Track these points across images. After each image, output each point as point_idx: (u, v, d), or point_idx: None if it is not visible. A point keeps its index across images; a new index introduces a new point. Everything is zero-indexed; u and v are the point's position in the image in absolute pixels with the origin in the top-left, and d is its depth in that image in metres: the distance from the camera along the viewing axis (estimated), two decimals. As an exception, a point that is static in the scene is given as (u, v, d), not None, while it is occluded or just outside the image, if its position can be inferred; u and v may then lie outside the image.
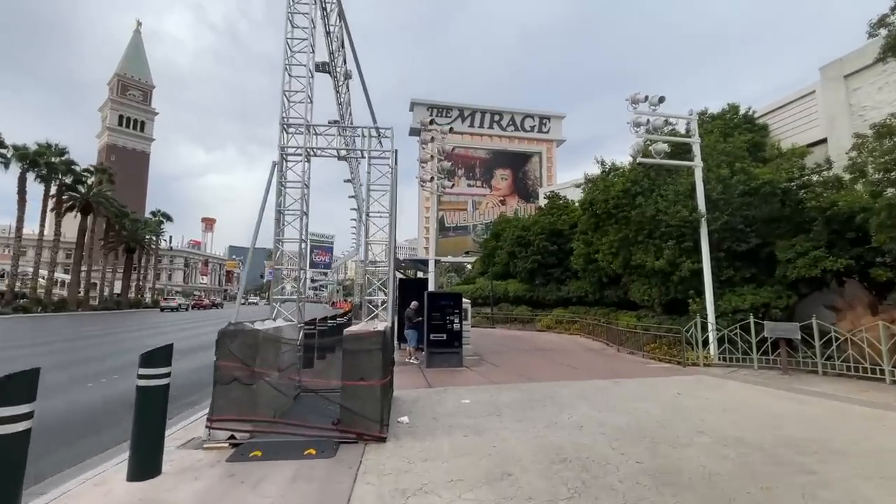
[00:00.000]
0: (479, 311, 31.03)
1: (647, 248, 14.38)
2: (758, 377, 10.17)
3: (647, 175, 14.99)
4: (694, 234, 13.13)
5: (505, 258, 30.76)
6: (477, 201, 58.49)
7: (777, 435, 5.64)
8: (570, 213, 28.01)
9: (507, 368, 11.51)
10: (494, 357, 13.62)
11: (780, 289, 12.13)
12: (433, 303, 11.57)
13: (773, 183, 12.02)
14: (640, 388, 8.97)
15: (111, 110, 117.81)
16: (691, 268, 12.89)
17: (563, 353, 14.79)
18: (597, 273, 21.91)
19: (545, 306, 27.14)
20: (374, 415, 5.44)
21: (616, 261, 16.35)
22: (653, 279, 15.01)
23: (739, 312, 12.10)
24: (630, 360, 13.33)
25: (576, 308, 24.58)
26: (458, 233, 56.52)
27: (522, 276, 28.23)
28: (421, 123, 14.75)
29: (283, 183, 8.12)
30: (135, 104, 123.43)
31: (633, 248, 15.19)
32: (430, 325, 11.48)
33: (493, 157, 59.18)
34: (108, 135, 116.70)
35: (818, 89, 15.25)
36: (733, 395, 8.25)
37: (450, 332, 11.54)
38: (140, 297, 58.52)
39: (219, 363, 5.41)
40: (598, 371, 11.18)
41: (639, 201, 14.22)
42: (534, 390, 8.63)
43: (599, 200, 15.39)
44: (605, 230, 16.43)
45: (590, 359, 13.64)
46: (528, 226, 29.44)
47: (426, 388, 8.83)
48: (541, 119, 60.45)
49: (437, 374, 10.51)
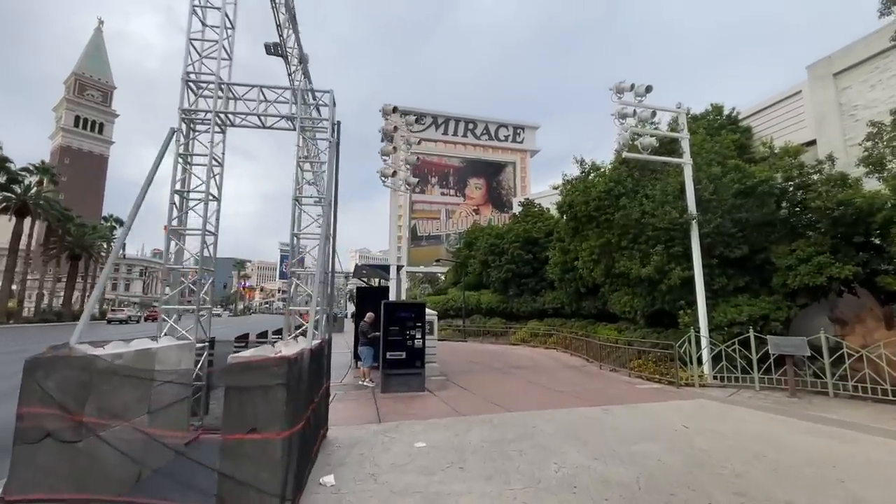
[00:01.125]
0: (450, 323, 29.28)
1: (631, 254, 13.05)
2: (764, 401, 8.80)
3: (631, 175, 13.76)
4: (684, 238, 11.87)
5: (478, 267, 29.24)
6: (450, 210, 57.06)
7: (851, 499, 4.11)
8: (546, 221, 26.84)
9: (476, 392, 9.77)
10: (463, 378, 11.86)
11: (778, 299, 10.94)
12: (391, 315, 9.76)
13: (769, 182, 10.91)
14: (637, 418, 7.40)
15: (67, 110, 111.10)
16: (682, 276, 11.59)
17: (540, 372, 13.19)
18: (574, 283, 20.61)
19: (520, 318, 25.66)
20: (272, 485, 3.58)
21: (597, 268, 14.99)
22: (637, 289, 13.68)
23: (736, 325, 10.82)
24: (615, 380, 11.84)
25: (552, 320, 23.20)
26: (430, 242, 54.82)
27: (496, 286, 26.73)
28: (383, 111, 13.11)
29: (186, 157, 6.23)
30: (93, 105, 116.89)
31: (616, 254, 13.85)
32: (387, 342, 9.65)
33: (466, 165, 58.06)
34: (63, 136, 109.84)
35: (805, 89, 14.51)
36: (750, 428, 6.77)
37: (410, 350, 9.73)
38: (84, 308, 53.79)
39: (22, 410, 3.46)
40: (582, 394, 9.59)
41: (622, 202, 12.92)
42: (508, 424, 6.92)
43: (579, 202, 14.04)
44: (585, 235, 15.07)
45: (571, 378, 12.08)
46: (502, 233, 28.06)
47: (374, 424, 6.98)
48: (515, 129, 59.95)
49: (391, 402, 8.66)
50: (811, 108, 14.12)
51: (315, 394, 5.09)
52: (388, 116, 12.97)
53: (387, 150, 12.84)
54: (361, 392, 9.72)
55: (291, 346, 4.88)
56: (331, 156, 6.25)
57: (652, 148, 11.88)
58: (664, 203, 12.22)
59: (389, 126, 12.93)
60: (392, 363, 9.62)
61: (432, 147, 56.28)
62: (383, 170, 12.81)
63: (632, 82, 11.46)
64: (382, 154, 12.91)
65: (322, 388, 5.67)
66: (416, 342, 9.79)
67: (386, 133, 12.93)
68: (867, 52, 12.83)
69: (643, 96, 11.71)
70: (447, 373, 12.49)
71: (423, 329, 9.92)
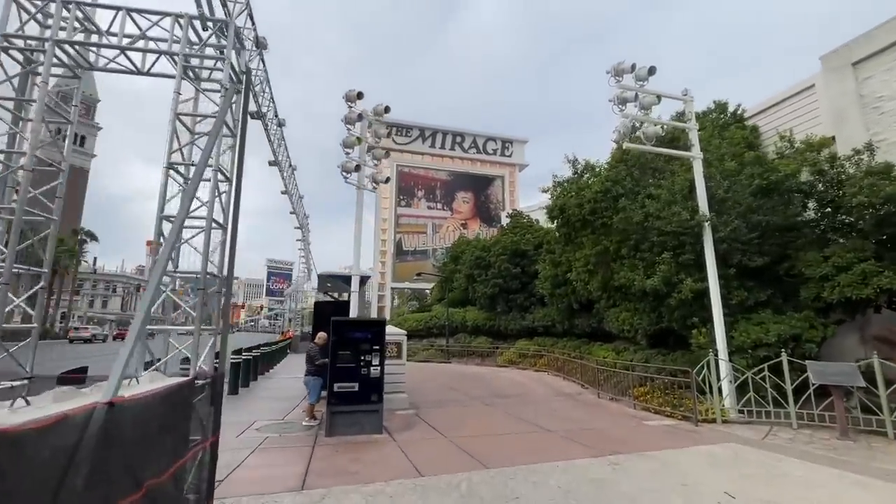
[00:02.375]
0: (433, 342, 27.17)
1: (633, 263, 11.29)
2: (812, 445, 6.93)
3: (630, 174, 12.10)
4: (695, 244, 10.14)
5: (463, 282, 27.31)
6: (437, 224, 55.35)
7: None
8: (535, 233, 25.14)
9: (449, 433, 7.73)
10: (436, 412, 9.81)
11: (809, 315, 9.18)
12: (341, 335, 7.75)
13: (796, 176, 9.28)
14: (658, 477, 5.45)
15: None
16: (694, 288, 9.80)
17: (528, 402, 11.19)
18: (566, 298, 18.77)
19: (507, 337, 23.68)
20: None
21: (593, 281, 13.17)
22: (640, 304, 11.86)
23: (761, 347, 9.01)
24: (618, 413, 9.89)
25: (542, 339, 21.26)
26: (416, 257, 52.87)
27: (482, 302, 24.77)
28: (346, 98, 11.35)
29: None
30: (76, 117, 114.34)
31: (614, 264, 12.08)
32: (335, 370, 7.61)
33: (454, 179, 56.68)
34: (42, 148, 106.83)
35: (818, 82, 13.13)
36: (821, 497, 4.86)
37: (364, 381, 7.69)
38: (49, 326, 50.44)
39: None
40: (580, 436, 7.61)
41: (622, 204, 11.21)
42: (483, 492, 4.93)
43: (572, 205, 12.30)
44: (578, 243, 13.31)
45: (565, 411, 10.10)
46: (489, 246, 26.26)
47: (292, 495, 4.92)
48: (503, 142, 58.99)
49: (332, 453, 6.59)
50: (827, 102, 12.71)
51: (153, 471, 3.05)
52: (352, 104, 11.20)
53: (350, 142, 11.02)
54: (300, 436, 7.63)
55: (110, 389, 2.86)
56: (224, 107, 4.39)
57: (656, 138, 10.21)
58: (671, 203, 10.53)
59: (353, 114, 11.15)
60: (341, 398, 7.56)
61: (419, 160, 54.92)
62: (345, 164, 10.97)
63: (632, 62, 9.88)
64: (345, 146, 11.08)
65: (181, 458, 3.64)
66: (373, 370, 7.77)
67: (349, 121, 11.14)
68: (889, 38, 11.48)
69: (645, 80, 10.12)
70: (418, 404, 10.44)
71: (383, 353, 7.91)
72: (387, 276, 51.01)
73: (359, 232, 11.13)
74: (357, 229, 11.13)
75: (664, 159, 12.41)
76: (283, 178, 23.53)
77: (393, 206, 51.84)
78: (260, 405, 10.55)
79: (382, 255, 51.32)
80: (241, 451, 6.52)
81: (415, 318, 29.38)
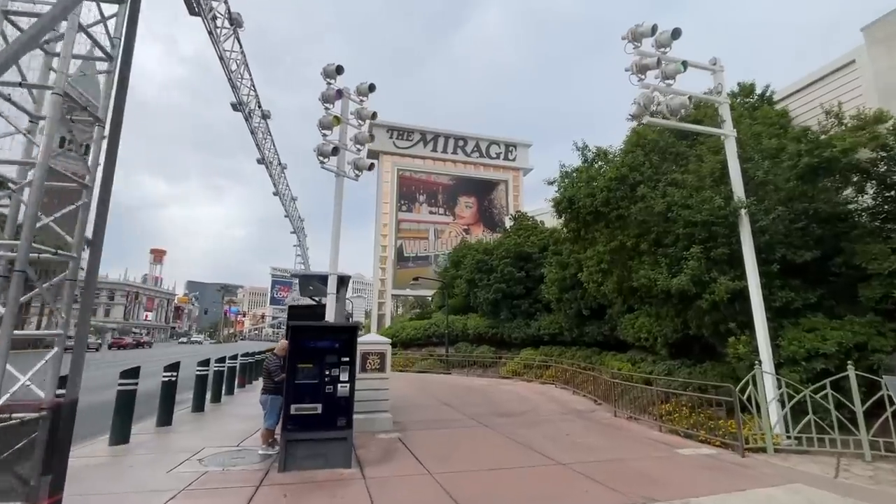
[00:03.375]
0: (432, 352, 25.56)
1: (655, 260, 9.75)
2: (904, 488, 5.32)
3: (649, 159, 10.60)
4: (730, 235, 8.61)
5: (464, 288, 25.81)
6: (439, 230, 53.86)
7: None
8: (540, 235, 23.65)
9: (434, 470, 6.19)
10: (424, 436, 8.26)
11: (875, 320, 7.59)
12: (301, 344, 6.27)
13: (854, 151, 7.76)
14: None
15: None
16: (730, 287, 8.24)
17: (535, 423, 9.61)
18: (575, 303, 17.21)
19: (511, 346, 22.06)
20: None
21: (608, 281, 11.61)
22: (663, 307, 10.31)
23: (817, 358, 7.42)
24: (642, 438, 8.29)
25: (548, 348, 19.66)
26: (418, 263, 51.36)
27: (484, 308, 23.22)
28: (325, 73, 9.99)
29: None
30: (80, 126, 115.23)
31: (632, 262, 10.54)
32: (293, 388, 6.12)
33: (456, 183, 55.30)
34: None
35: (860, 56, 11.63)
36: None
37: (330, 401, 6.18)
38: (40, 336, 49.29)
39: None
40: (602, 472, 6.03)
41: (641, 192, 9.71)
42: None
43: (582, 196, 10.80)
44: (590, 239, 11.79)
45: (579, 435, 8.51)
46: (491, 249, 24.78)
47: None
48: (507, 146, 57.66)
49: (277, 499, 5.07)
50: (872, 77, 11.19)
51: None
52: (331, 80, 9.82)
53: (327, 122, 9.63)
54: (248, 470, 6.11)
55: None
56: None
57: (683, 110, 8.72)
58: (699, 189, 9.02)
59: (331, 91, 9.77)
60: (299, 422, 6.05)
61: (420, 164, 53.67)
62: (321, 147, 9.56)
63: (653, 23, 8.43)
64: (322, 127, 9.69)
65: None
66: (341, 388, 6.26)
67: (327, 99, 9.76)
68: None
69: (667, 46, 8.66)
70: (405, 425, 8.89)
71: (353, 367, 6.41)
72: (387, 283, 49.57)
73: (337, 224, 9.69)
74: (336, 222, 9.70)
75: (687, 144, 10.91)
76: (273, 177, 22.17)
77: (393, 211, 50.53)
78: (220, 426, 9.05)
79: (383, 262, 49.89)
80: (160, 494, 5.02)
81: (413, 326, 27.82)
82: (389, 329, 30.72)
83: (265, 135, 17.90)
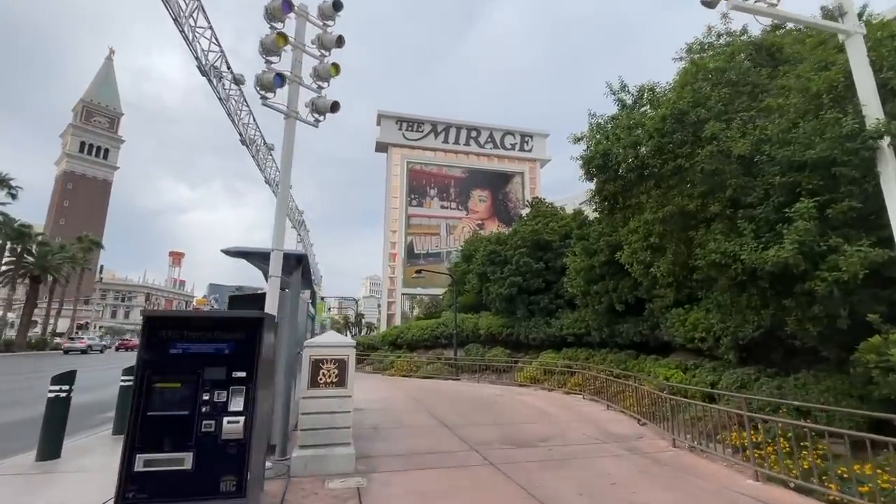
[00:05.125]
0: (440, 354, 22.86)
1: (731, 227, 6.85)
2: None
3: (717, 92, 7.66)
4: (863, 180, 5.69)
5: (475, 284, 23.05)
6: (451, 225, 51.14)
7: None
8: (560, 221, 20.76)
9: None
10: (398, 482, 5.56)
11: None
12: (159, 348, 3.68)
13: None
14: None
15: (72, 136, 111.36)
16: (870, 258, 5.31)
17: (563, 459, 6.80)
18: (605, 297, 14.29)
19: (529, 348, 19.22)
20: None
21: (661, 262, 8.66)
22: (743, 296, 7.37)
23: None
24: (729, 492, 5.41)
25: (573, 351, 16.78)
26: (429, 260, 48.69)
27: (497, 305, 20.40)
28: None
29: None
30: (99, 131, 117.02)
31: (695, 231, 7.64)
32: (143, 426, 3.52)
33: (469, 176, 52.53)
34: (67, 161, 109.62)
35: None
36: None
37: (208, 448, 3.56)
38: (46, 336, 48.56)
39: None
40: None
41: (709, 131, 6.82)
42: None
43: (623, 148, 7.97)
44: (633, 207, 8.92)
45: (629, 483, 5.68)
46: (505, 239, 21.96)
47: None
48: (522, 136, 54.65)
49: None
50: None
51: None
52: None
53: (270, 44, 7.03)
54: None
55: None
56: None
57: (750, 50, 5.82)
58: (804, 116, 6.11)
59: (278, 3, 7.18)
60: (152, 485, 3.43)
61: (431, 156, 51.15)
62: (262, 76, 6.98)
63: None
64: (264, 50, 7.10)
65: None
66: (229, 425, 3.60)
67: (273, 15, 7.17)
68: None
69: None
70: (376, 462, 6.21)
71: (254, 387, 3.76)
72: (397, 282, 47.15)
73: (286, 182, 7.12)
74: (284, 176, 7.12)
75: (767, 73, 7.94)
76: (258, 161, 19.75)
77: (403, 206, 48.05)
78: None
79: (392, 259, 47.50)
80: None
81: (419, 326, 25.18)
82: (394, 329, 28.15)
83: (241, 105, 15.13)
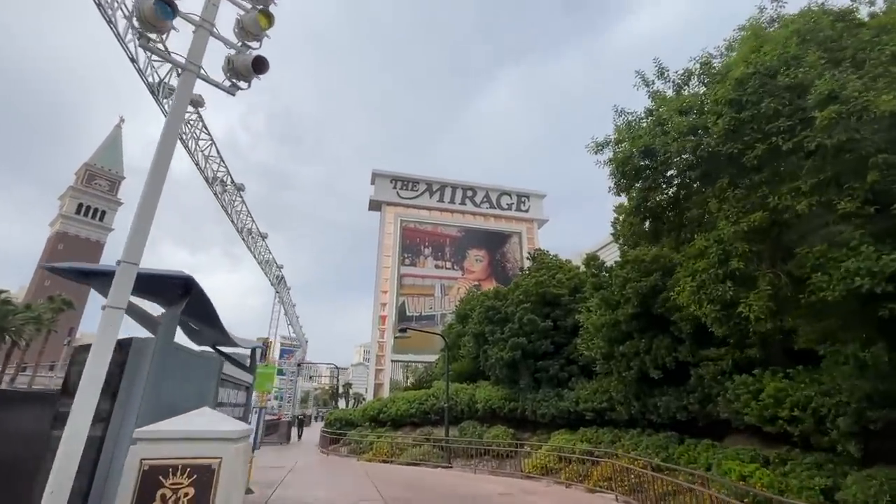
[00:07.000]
0: (430, 433, 18.96)
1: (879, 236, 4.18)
2: None
3: (810, 51, 5.37)
4: None
5: (472, 347, 19.82)
6: (446, 285, 48.24)
7: None
8: (568, 272, 18.11)
9: None
10: None
11: None
12: None
13: None
14: None
15: (71, 198, 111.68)
16: None
17: None
18: (635, 361, 11.20)
19: (537, 426, 15.58)
20: None
21: (755, 298, 5.78)
22: None
23: None
24: None
25: (593, 431, 13.23)
26: (422, 323, 45.10)
27: (498, 372, 17.02)
28: None
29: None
30: (99, 193, 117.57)
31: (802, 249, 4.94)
32: None
33: (465, 235, 50.67)
34: (61, 222, 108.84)
35: None
36: None
37: None
38: None
39: None
40: None
41: (823, 87, 4.40)
42: None
43: (673, 140, 5.56)
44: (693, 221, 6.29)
45: None
46: (505, 293, 19.11)
47: None
48: (519, 197, 53.69)
49: None
50: None
51: None
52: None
53: None
54: None
55: None
56: None
57: None
58: None
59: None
60: None
61: (426, 215, 49.65)
62: (140, 3, 4.64)
63: None
64: None
65: None
66: None
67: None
68: None
69: None
70: None
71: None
72: (386, 347, 43.27)
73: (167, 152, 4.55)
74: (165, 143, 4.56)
75: (870, 36, 5.75)
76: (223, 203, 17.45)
77: (395, 265, 45.48)
78: None
79: (382, 322, 43.98)
80: None
81: (406, 398, 21.40)
82: (376, 402, 24.18)
83: (199, 131, 12.63)
